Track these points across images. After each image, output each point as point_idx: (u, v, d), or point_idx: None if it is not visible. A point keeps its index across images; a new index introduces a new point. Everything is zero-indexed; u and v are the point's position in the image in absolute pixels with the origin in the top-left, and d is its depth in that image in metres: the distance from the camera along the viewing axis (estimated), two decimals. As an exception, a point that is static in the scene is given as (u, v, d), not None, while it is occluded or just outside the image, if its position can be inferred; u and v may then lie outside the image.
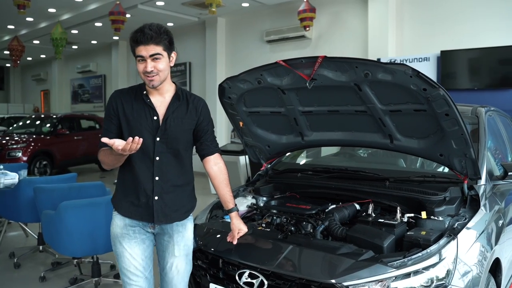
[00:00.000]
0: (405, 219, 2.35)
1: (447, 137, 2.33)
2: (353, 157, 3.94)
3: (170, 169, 2.18)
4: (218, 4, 7.05)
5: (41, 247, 4.69)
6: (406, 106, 2.35)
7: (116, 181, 2.30)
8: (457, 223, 2.23)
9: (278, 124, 2.98)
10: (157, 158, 2.14)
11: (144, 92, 2.17)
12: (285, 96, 2.71)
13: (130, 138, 1.86)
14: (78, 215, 3.33)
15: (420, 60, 7.08)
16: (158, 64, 2.07)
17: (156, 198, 2.15)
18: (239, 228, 2.38)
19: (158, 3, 9.48)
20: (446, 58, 6.77)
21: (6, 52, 12.70)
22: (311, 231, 2.49)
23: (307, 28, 8.74)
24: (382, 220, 2.31)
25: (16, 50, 11.88)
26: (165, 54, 2.09)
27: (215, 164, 2.36)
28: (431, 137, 2.45)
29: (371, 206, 2.47)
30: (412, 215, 2.39)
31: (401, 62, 2.17)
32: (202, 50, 11.27)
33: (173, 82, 2.24)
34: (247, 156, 7.27)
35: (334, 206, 2.66)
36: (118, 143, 1.88)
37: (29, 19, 11.24)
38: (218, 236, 2.48)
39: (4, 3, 8.57)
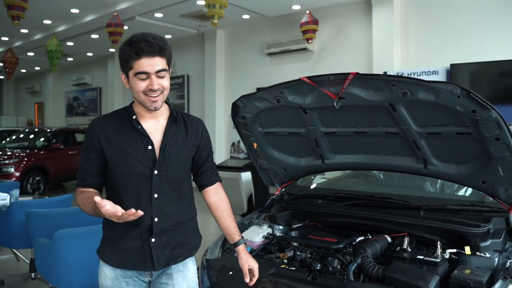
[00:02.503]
0: (447, 255, 2.09)
1: (493, 163, 2.08)
2: (369, 178, 3.69)
3: (171, 206, 1.83)
4: (220, 16, 6.83)
5: (33, 275, 4.36)
6: (446, 129, 2.11)
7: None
8: (509, 261, 1.97)
9: (296, 146, 2.73)
10: (156, 196, 1.78)
11: (134, 116, 1.80)
12: (307, 115, 2.46)
13: (132, 210, 1.51)
14: (75, 245, 3.03)
15: (429, 73, 6.88)
16: (164, 81, 1.73)
17: (154, 240, 1.79)
18: (248, 264, 1.96)
19: (157, 15, 9.26)
20: (456, 72, 6.57)
21: (0, 64, 12.42)
22: (339, 268, 2.22)
23: (310, 41, 8.54)
24: (422, 257, 2.04)
25: (10, 62, 11.61)
26: (167, 69, 1.76)
27: (216, 194, 2.04)
28: (473, 163, 2.20)
29: (406, 240, 2.20)
30: (455, 250, 2.12)
31: (448, 81, 1.92)
32: (201, 62, 11.05)
33: (165, 102, 1.87)
34: (250, 173, 6.99)
35: (362, 238, 2.39)
36: (109, 208, 1.52)
37: (23, 30, 10.98)
38: (235, 274, 2.19)
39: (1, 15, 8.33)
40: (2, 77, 18.62)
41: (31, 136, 11.20)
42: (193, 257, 1.99)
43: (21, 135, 11.55)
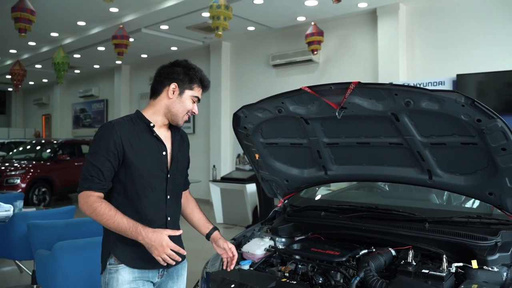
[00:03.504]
0: (453, 269, 2.02)
1: (500, 174, 2.03)
2: (374, 189, 3.63)
3: (176, 207, 2.08)
4: (225, 28, 6.84)
5: (35, 286, 4.33)
6: (451, 139, 2.06)
7: None
8: (518, 276, 1.90)
9: (298, 157, 2.69)
10: (169, 197, 2.00)
11: (151, 124, 1.97)
12: (309, 126, 2.42)
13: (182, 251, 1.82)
14: (75, 257, 3.00)
15: (435, 84, 6.83)
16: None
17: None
18: (229, 247, 2.15)
19: (162, 27, 9.32)
20: (462, 82, 6.51)
21: (8, 76, 12.53)
22: (342, 282, 2.16)
23: (315, 52, 8.54)
24: (427, 271, 1.97)
25: (17, 74, 11.70)
26: None
27: (187, 195, 2.27)
28: (479, 174, 2.15)
29: (411, 253, 2.14)
30: (461, 264, 2.05)
31: (452, 90, 1.88)
32: (206, 74, 10.89)
33: None
34: (255, 185, 6.95)
35: (365, 251, 2.33)
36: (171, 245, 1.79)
37: (31, 43, 11.10)
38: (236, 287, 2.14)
39: (7, 27, 8.41)
40: (10, 89, 18.77)
41: (38, 147, 11.25)
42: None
43: (28, 147, 11.60)
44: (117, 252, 1.90)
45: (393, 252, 2.30)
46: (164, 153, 1.97)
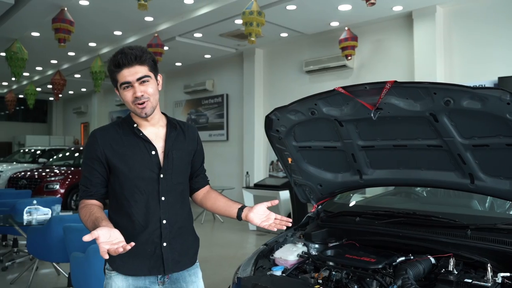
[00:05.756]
0: (499, 280, 1.90)
1: (549, 178, 1.90)
2: (411, 195, 3.50)
3: (177, 208, 1.91)
4: (258, 34, 6.84)
5: (71, 289, 4.41)
6: (495, 140, 1.94)
7: None
8: None
9: (332, 161, 2.61)
10: (163, 199, 1.85)
11: (135, 125, 1.87)
12: (343, 128, 2.35)
13: (127, 246, 1.50)
14: (108, 261, 3.01)
15: (475, 88, 6.58)
16: (148, 87, 1.79)
17: (165, 244, 1.85)
18: (263, 210, 1.95)
19: (196, 35, 9.42)
20: (504, 85, 6.26)
21: (49, 86, 12.98)
22: (378, 290, 2.07)
23: (349, 57, 8.42)
24: (470, 281, 1.86)
25: (58, 84, 12.10)
26: (152, 75, 1.82)
27: (205, 190, 2.13)
28: (526, 178, 2.02)
29: (452, 261, 2.03)
30: (508, 274, 1.92)
31: (496, 87, 1.77)
32: (240, 81, 11.12)
33: (162, 113, 1.98)
34: (288, 191, 6.87)
35: (403, 258, 2.22)
36: (102, 241, 1.49)
37: (70, 53, 11.44)
38: (267, 294, 2.09)
39: (48, 38, 8.71)
40: (51, 98, 19.41)
41: (76, 154, 11.55)
42: (198, 262, 2.05)
43: (67, 154, 11.94)
44: (110, 258, 1.78)
45: (433, 260, 2.19)
46: (153, 152, 1.85)
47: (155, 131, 1.90)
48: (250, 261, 2.52)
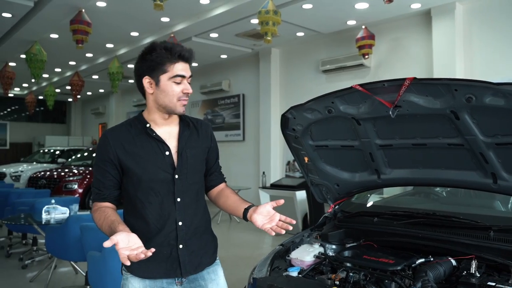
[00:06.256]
0: (523, 282, 1.83)
1: None
2: (430, 195, 3.43)
3: (193, 209, 1.86)
4: (274, 33, 6.80)
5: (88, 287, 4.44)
6: (519, 138, 1.88)
7: None
8: None
9: (350, 160, 2.57)
10: (179, 200, 1.80)
11: (148, 124, 1.83)
12: (360, 127, 2.30)
13: (147, 252, 1.48)
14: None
15: (496, 86, 6.43)
16: (190, 87, 1.82)
17: (181, 246, 1.81)
18: (267, 210, 1.77)
19: (212, 35, 9.43)
20: (526, 84, 6.10)
21: (68, 87, 13.15)
22: (398, 292, 2.02)
23: (366, 56, 8.33)
24: (493, 284, 1.80)
25: (76, 85, 12.25)
26: None
27: (220, 188, 2.05)
28: (551, 177, 1.95)
29: (474, 263, 1.96)
30: (533, 277, 1.86)
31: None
32: (256, 81, 11.10)
33: None
34: (305, 192, 6.81)
35: (422, 260, 2.17)
36: (122, 246, 1.45)
37: (88, 54, 11.57)
38: (283, 295, 2.05)
39: (67, 39, 8.82)
40: (70, 99, 19.69)
41: (94, 154, 11.67)
42: (219, 260, 2.00)
43: (85, 154, 12.08)
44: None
45: (454, 262, 2.13)
46: (167, 153, 1.80)
47: (168, 130, 1.86)
48: (266, 262, 2.49)
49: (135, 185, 1.78)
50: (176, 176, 1.80)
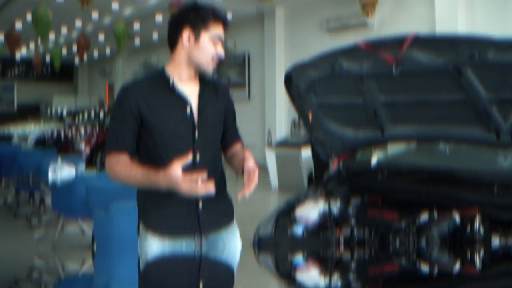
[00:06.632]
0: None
1: None
2: (433, 152, 3.42)
3: (211, 169, 1.80)
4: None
5: (94, 245, 4.54)
6: (523, 94, 1.87)
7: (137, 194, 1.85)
8: None
9: (354, 118, 2.58)
10: (198, 158, 1.77)
11: (171, 80, 1.78)
12: (364, 84, 2.30)
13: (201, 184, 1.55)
14: (130, 218, 3.07)
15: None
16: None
17: (200, 204, 1.78)
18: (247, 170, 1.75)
19: (217, -5, 9.24)
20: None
21: (75, 49, 13.09)
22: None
23: (369, 14, 8.21)
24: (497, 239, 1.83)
25: (82, 46, 12.19)
26: None
27: (234, 145, 1.98)
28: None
29: (478, 219, 1.99)
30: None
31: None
32: (261, 42, 11.05)
33: None
34: (310, 150, 6.83)
35: (427, 216, 2.19)
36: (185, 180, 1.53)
37: (94, 15, 11.41)
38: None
39: (73, 0, 8.69)
40: (77, 62, 19.58)
41: (101, 115, 11.75)
42: (236, 224, 1.99)
43: (92, 114, 12.16)
44: (144, 218, 1.80)
45: (458, 218, 2.16)
46: (188, 110, 1.77)
47: (190, 88, 1.81)
48: (270, 220, 2.54)
49: (155, 139, 1.76)
50: (197, 136, 1.78)
